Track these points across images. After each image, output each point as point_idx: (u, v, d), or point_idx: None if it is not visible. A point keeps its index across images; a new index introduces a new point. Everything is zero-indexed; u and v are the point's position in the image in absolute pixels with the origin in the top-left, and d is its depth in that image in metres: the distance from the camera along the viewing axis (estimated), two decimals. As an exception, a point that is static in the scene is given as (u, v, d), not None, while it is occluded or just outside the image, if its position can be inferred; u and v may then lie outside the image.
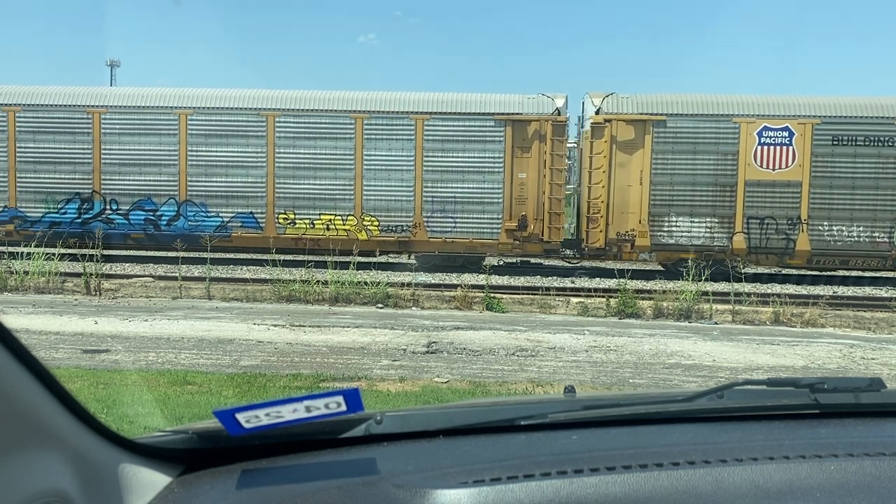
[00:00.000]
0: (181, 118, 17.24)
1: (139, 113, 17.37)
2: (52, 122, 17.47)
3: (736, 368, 8.71)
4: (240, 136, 17.20)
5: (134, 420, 5.54)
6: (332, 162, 17.08)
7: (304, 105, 17.21)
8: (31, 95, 17.65)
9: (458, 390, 7.17)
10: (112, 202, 17.52)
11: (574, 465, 1.26)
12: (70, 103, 17.48)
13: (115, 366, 7.99)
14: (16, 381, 1.02)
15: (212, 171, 17.26)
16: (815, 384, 1.54)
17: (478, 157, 16.87)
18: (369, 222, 17.23)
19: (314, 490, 1.23)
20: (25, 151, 17.51)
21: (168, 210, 17.45)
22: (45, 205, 17.61)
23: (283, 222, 17.28)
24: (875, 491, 1.21)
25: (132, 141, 17.35)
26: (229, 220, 17.35)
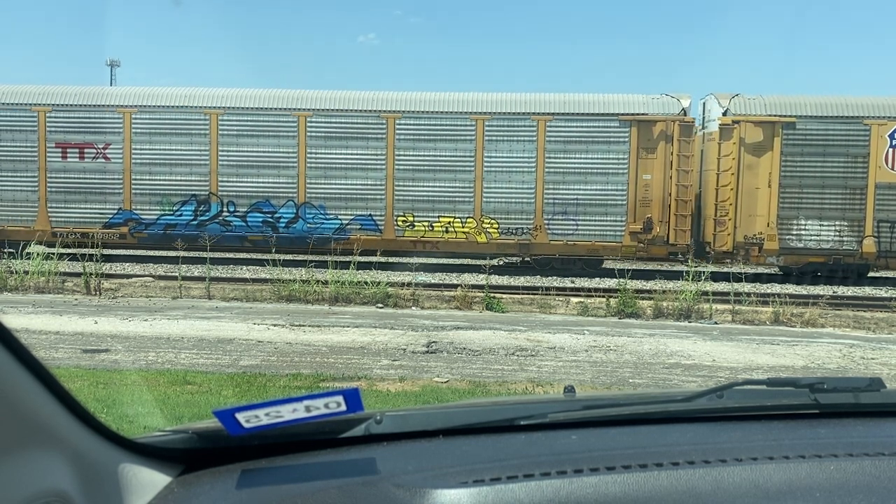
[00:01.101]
0: (300, 120, 17.14)
1: (258, 114, 17.28)
2: (168, 124, 17.35)
3: (736, 368, 8.72)
4: (359, 138, 17.11)
5: (134, 420, 5.53)
6: (451, 164, 16.99)
7: (424, 107, 17.12)
8: (147, 97, 17.55)
9: (457, 390, 7.17)
10: (229, 204, 17.43)
11: (574, 464, 1.26)
12: (187, 104, 17.39)
13: (115, 365, 7.99)
14: (16, 380, 1.02)
15: (331, 173, 17.18)
16: (814, 384, 1.54)
17: (601, 158, 16.71)
18: (489, 224, 17.11)
19: (314, 490, 1.23)
20: (141, 153, 17.39)
21: (287, 212, 17.36)
22: (159, 207, 17.48)
23: (401, 224, 17.22)
24: (875, 491, 1.21)
25: (250, 142, 17.28)
26: (348, 222, 17.28)
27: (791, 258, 16.73)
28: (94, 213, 17.51)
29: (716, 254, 16.77)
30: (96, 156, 17.46)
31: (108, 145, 17.41)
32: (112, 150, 17.43)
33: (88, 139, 17.43)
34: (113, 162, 17.44)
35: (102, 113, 17.43)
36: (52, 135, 17.47)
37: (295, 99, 17.35)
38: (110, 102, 17.49)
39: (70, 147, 17.46)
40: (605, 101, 16.91)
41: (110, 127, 17.38)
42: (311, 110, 17.15)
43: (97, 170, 17.47)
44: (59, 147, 17.47)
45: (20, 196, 17.61)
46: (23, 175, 17.56)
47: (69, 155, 17.49)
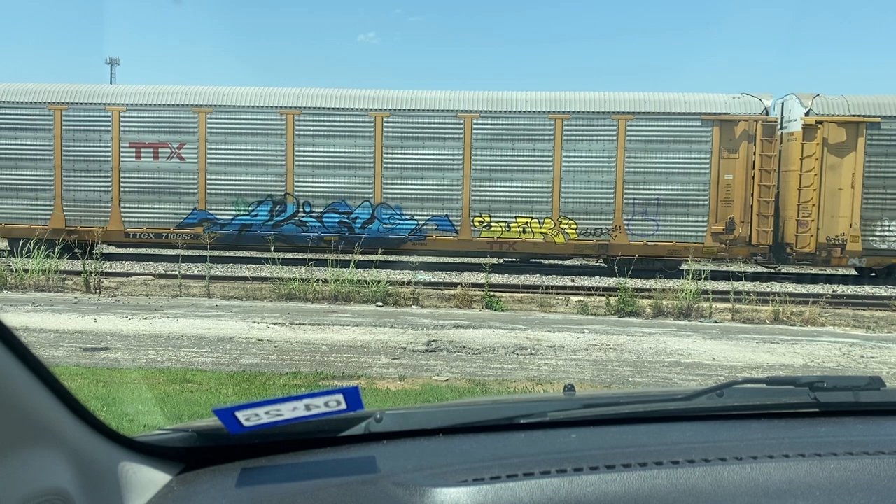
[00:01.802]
0: (377, 120, 17.05)
1: (334, 114, 17.21)
2: (244, 123, 17.27)
3: (735, 367, 8.72)
4: (436, 138, 17.03)
5: (133, 418, 5.53)
6: (529, 163, 16.88)
7: (502, 106, 17.02)
8: (222, 96, 17.46)
9: (457, 389, 7.17)
10: (305, 204, 17.32)
11: (574, 463, 1.26)
12: (263, 104, 17.30)
13: (115, 364, 7.99)
14: (15, 379, 1.02)
15: (407, 173, 17.10)
16: (814, 383, 1.54)
17: (682, 157, 16.61)
18: (567, 225, 16.99)
19: (314, 488, 1.23)
20: (216, 153, 17.30)
21: (363, 213, 17.27)
22: (235, 207, 17.38)
23: (478, 225, 17.11)
24: (874, 489, 1.21)
25: (326, 142, 17.20)
26: (424, 223, 17.17)
27: (874, 259, 16.62)
28: (168, 213, 17.41)
29: (797, 255, 16.65)
30: (171, 155, 17.34)
31: (182, 145, 17.29)
32: (187, 150, 17.31)
33: (163, 139, 17.33)
34: (188, 162, 17.31)
35: (177, 112, 17.33)
36: (125, 134, 17.38)
37: (372, 99, 17.26)
38: (185, 102, 17.37)
39: (144, 147, 17.36)
40: (686, 101, 16.79)
41: (185, 126, 17.29)
42: (389, 110, 17.07)
43: (171, 169, 17.35)
44: (132, 147, 17.37)
45: (93, 196, 17.49)
46: (96, 175, 17.44)
47: (143, 155, 17.38)
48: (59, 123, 17.40)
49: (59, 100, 17.49)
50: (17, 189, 17.56)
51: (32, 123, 17.47)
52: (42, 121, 17.45)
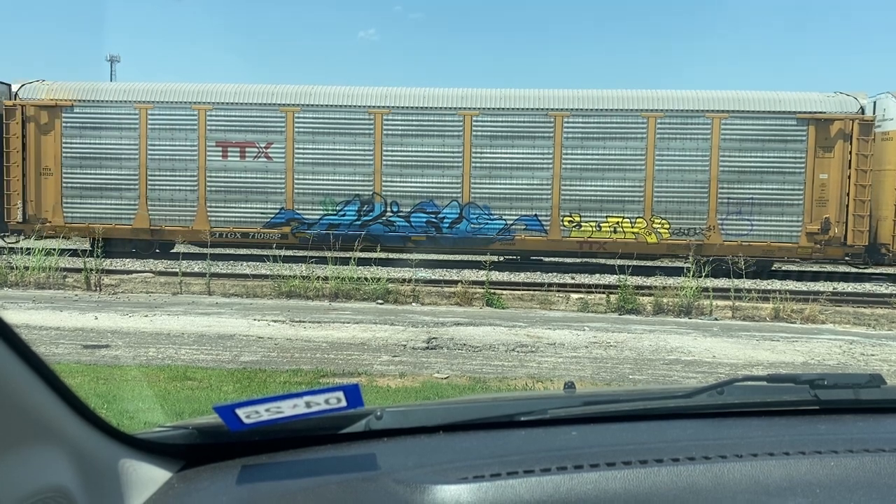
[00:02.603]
0: (466, 119, 16.93)
1: (422, 114, 17.07)
2: (332, 123, 17.16)
3: (736, 365, 8.72)
4: (526, 137, 16.87)
5: (134, 415, 5.54)
6: (621, 162, 16.71)
7: (593, 105, 16.83)
8: (310, 95, 17.36)
9: (457, 386, 7.17)
10: (393, 204, 17.20)
11: (574, 460, 1.26)
12: (352, 104, 17.19)
13: (116, 361, 8.00)
14: (16, 376, 1.02)
15: (496, 172, 16.93)
16: (814, 380, 1.54)
17: (777, 156, 16.45)
18: (659, 225, 16.84)
19: (314, 485, 1.23)
20: (304, 152, 17.20)
21: (450, 212, 17.13)
22: (322, 207, 17.27)
23: (567, 225, 16.96)
24: (875, 487, 1.21)
25: (415, 142, 17.06)
26: (513, 222, 17.02)
27: None
28: (256, 212, 17.29)
29: (893, 255, 16.48)
30: (258, 155, 17.23)
31: (269, 144, 17.18)
32: (274, 150, 17.19)
33: (250, 138, 17.21)
34: (275, 161, 17.19)
35: (264, 111, 17.21)
36: (211, 133, 17.24)
37: (461, 98, 17.11)
38: (273, 101, 17.24)
39: (231, 146, 17.24)
40: (780, 99, 16.64)
41: (272, 126, 17.16)
42: (478, 109, 16.93)
43: (259, 169, 17.23)
44: (219, 146, 17.25)
45: (178, 196, 17.37)
46: (181, 174, 17.32)
47: (230, 154, 17.25)
48: (145, 122, 17.30)
49: (145, 98, 17.37)
50: (101, 188, 17.39)
51: (117, 122, 17.34)
52: (127, 120, 17.32)
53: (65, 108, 17.38)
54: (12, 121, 17.39)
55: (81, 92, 17.56)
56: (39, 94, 17.56)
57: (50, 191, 17.49)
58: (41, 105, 17.40)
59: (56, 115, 17.39)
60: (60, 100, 17.38)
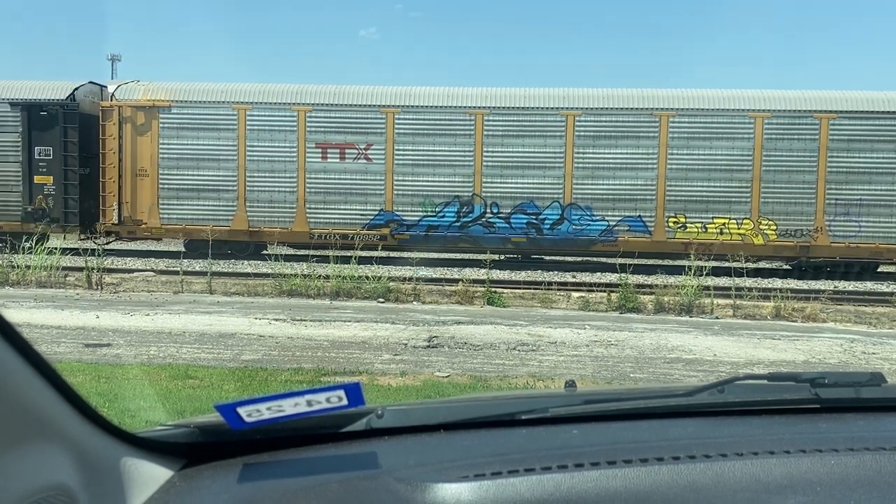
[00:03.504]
0: (569, 119, 16.79)
1: (524, 114, 16.94)
2: (432, 124, 17.04)
3: (737, 363, 8.72)
4: (630, 136, 16.73)
5: (135, 414, 5.54)
6: (727, 163, 16.56)
7: (700, 104, 16.69)
8: (410, 96, 17.29)
9: (458, 384, 7.18)
10: (493, 205, 17.08)
11: (575, 459, 1.26)
12: (452, 104, 17.09)
13: (117, 360, 8.01)
14: (17, 375, 1.02)
15: (598, 173, 16.80)
16: (815, 379, 1.54)
17: (886, 157, 16.31)
18: (766, 226, 16.68)
19: (315, 484, 1.23)
20: (404, 153, 17.12)
21: (551, 214, 16.99)
22: (421, 208, 17.18)
23: (672, 226, 16.83)
24: (876, 485, 1.21)
25: (516, 142, 16.93)
26: (615, 223, 16.89)
27: None
28: (355, 214, 17.23)
29: None
30: (357, 156, 17.14)
31: (369, 146, 17.10)
32: (374, 151, 17.10)
33: (350, 139, 17.14)
34: (375, 163, 17.09)
35: (365, 113, 17.15)
36: (311, 135, 17.19)
37: (563, 97, 16.99)
38: (373, 102, 17.17)
39: (330, 147, 17.17)
40: (889, 99, 16.51)
41: (372, 127, 17.10)
42: (581, 109, 16.78)
43: (358, 170, 17.15)
44: (318, 147, 17.18)
45: (277, 197, 17.31)
46: (281, 176, 17.26)
47: (329, 155, 17.19)
48: (244, 123, 17.22)
49: (244, 99, 17.30)
50: (198, 190, 17.32)
51: (216, 123, 17.26)
52: (226, 120, 17.25)
53: (162, 109, 17.31)
54: (109, 122, 17.35)
55: (178, 92, 17.48)
56: (135, 94, 17.47)
57: (146, 192, 17.39)
58: (138, 106, 17.32)
59: (153, 115, 17.31)
60: (158, 100, 17.32)
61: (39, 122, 17.50)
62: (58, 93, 17.67)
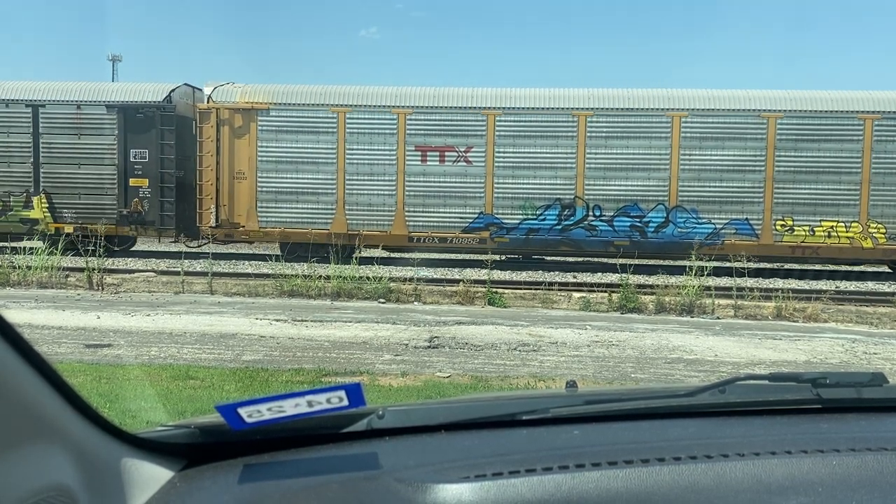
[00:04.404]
0: (674, 121, 16.70)
1: (628, 115, 16.86)
2: (533, 126, 16.95)
3: (738, 363, 8.71)
4: (737, 138, 16.63)
5: (136, 414, 5.55)
6: (836, 165, 16.43)
7: (807, 106, 16.55)
8: (511, 98, 17.11)
9: (459, 385, 7.17)
10: (595, 208, 16.98)
11: (576, 459, 1.26)
12: (553, 106, 16.90)
13: (118, 360, 8.01)
14: (18, 375, 1.02)
15: (704, 175, 16.70)
16: (817, 379, 1.54)
17: None
18: (875, 229, 16.53)
19: (316, 484, 1.23)
20: (504, 156, 17.01)
21: (656, 216, 16.89)
22: (521, 211, 17.09)
23: (780, 229, 16.69)
24: (877, 486, 1.21)
25: (620, 144, 16.84)
26: (722, 226, 16.76)
27: None
28: (454, 217, 17.16)
29: None
30: (457, 159, 17.07)
31: (469, 148, 17.04)
32: (474, 154, 17.04)
33: (449, 142, 17.08)
34: (475, 165, 17.04)
35: (465, 115, 17.06)
36: (411, 138, 17.13)
37: (668, 99, 16.91)
38: (474, 104, 17.08)
39: (430, 150, 17.11)
40: None
41: (473, 129, 17.02)
42: (686, 110, 16.67)
43: (458, 173, 17.10)
44: (418, 150, 17.13)
45: (376, 200, 17.28)
46: (380, 178, 17.23)
47: (429, 158, 17.13)
48: (343, 126, 17.18)
49: (343, 102, 17.26)
50: (296, 193, 17.29)
51: (315, 126, 17.23)
52: (325, 123, 17.21)
53: (260, 112, 17.25)
54: (206, 124, 17.31)
55: (277, 94, 17.42)
56: (233, 96, 17.42)
57: (243, 195, 17.35)
58: (236, 108, 17.27)
59: (251, 118, 17.26)
60: (257, 103, 17.26)
61: (135, 124, 17.49)
62: (154, 95, 17.66)
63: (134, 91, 17.86)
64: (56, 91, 17.95)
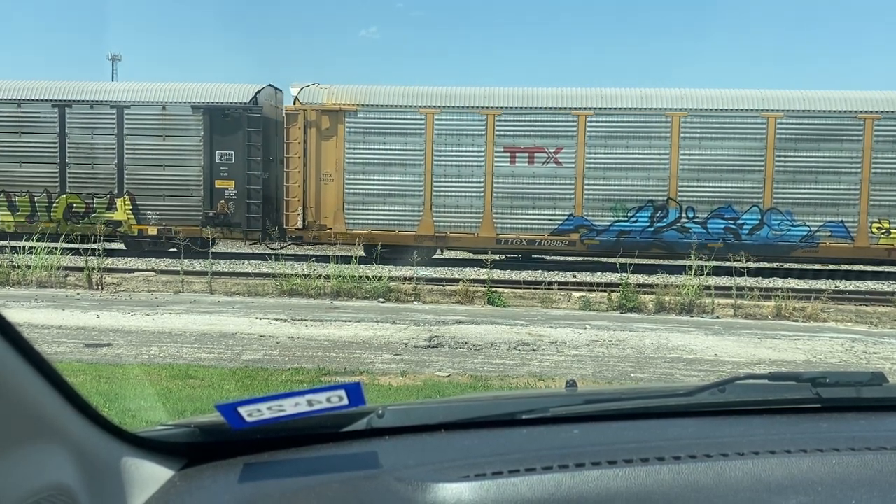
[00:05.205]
0: (770, 122, 16.46)
1: (723, 116, 16.65)
2: (625, 126, 16.80)
3: (738, 363, 8.71)
4: (832, 139, 16.46)
5: (136, 414, 5.55)
6: None
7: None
8: (603, 98, 17.03)
9: (459, 384, 7.17)
10: (688, 210, 16.84)
11: (575, 459, 1.26)
12: (646, 106, 16.82)
13: (118, 360, 8.01)
14: (18, 375, 1.02)
15: (800, 176, 16.53)
16: (816, 378, 1.54)
17: None
18: None
19: (316, 483, 1.23)
20: (595, 157, 16.86)
21: (750, 218, 16.74)
22: (612, 213, 16.95)
23: (875, 231, 16.57)
24: (877, 485, 1.21)
25: (714, 145, 16.69)
26: (817, 229, 16.60)
27: None
28: (543, 219, 17.04)
29: None
30: (547, 160, 16.94)
31: (559, 149, 16.91)
32: (564, 155, 16.91)
33: (539, 143, 16.94)
34: (564, 167, 16.90)
35: (555, 116, 16.92)
36: (500, 139, 17.02)
37: (762, 100, 16.76)
38: (564, 105, 16.96)
39: (519, 151, 16.98)
40: None
41: (563, 130, 16.90)
42: (783, 111, 16.55)
43: (547, 175, 16.95)
44: (507, 151, 17.01)
45: (464, 202, 17.17)
46: (468, 180, 17.13)
47: (517, 159, 17.01)
48: (431, 127, 17.08)
49: (431, 103, 17.17)
50: (384, 195, 17.23)
51: (403, 127, 17.13)
52: (413, 125, 17.13)
53: (348, 113, 17.18)
54: (294, 125, 17.25)
55: (365, 96, 17.35)
56: (319, 98, 17.35)
57: (330, 197, 17.28)
58: (323, 109, 17.21)
59: (339, 119, 17.20)
60: (345, 104, 17.21)
61: (221, 125, 17.46)
62: (240, 96, 17.64)
63: (219, 92, 17.80)
64: (141, 92, 17.93)
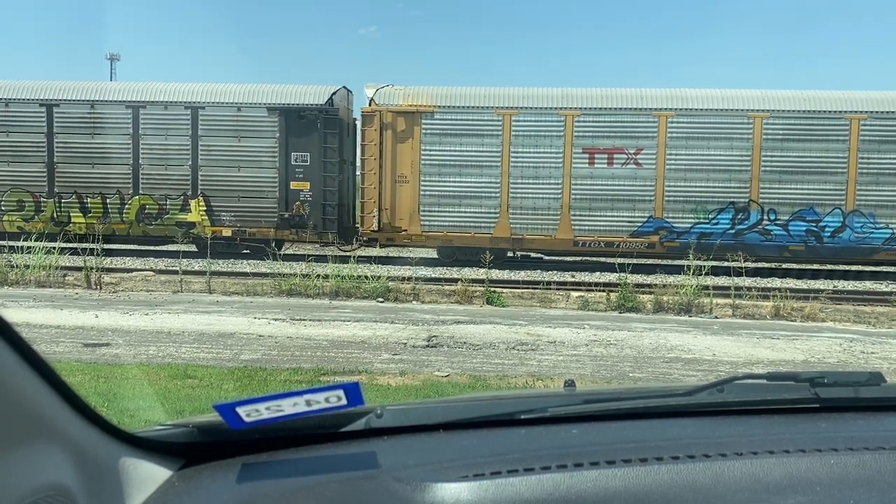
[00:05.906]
0: (853, 124, 16.24)
1: (804, 118, 16.44)
2: (707, 128, 16.59)
3: (736, 363, 8.72)
4: None
5: (134, 414, 5.54)
6: None
7: None
8: (684, 99, 16.84)
9: (458, 384, 7.18)
10: (770, 212, 16.62)
11: (574, 458, 1.26)
12: (727, 107, 16.62)
13: (116, 360, 8.00)
14: (16, 375, 1.02)
15: (883, 178, 16.34)
16: (815, 378, 1.54)
17: None
18: None
19: (315, 483, 1.23)
20: (675, 158, 16.65)
21: (832, 221, 16.50)
22: (693, 215, 16.76)
23: None
24: (875, 485, 1.21)
25: (796, 147, 16.40)
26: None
27: None
28: (622, 221, 16.84)
29: None
30: (626, 161, 16.75)
31: (639, 150, 16.71)
32: (644, 156, 16.71)
33: (618, 144, 16.74)
34: (644, 168, 16.71)
35: (636, 116, 16.75)
36: (578, 140, 16.82)
37: (845, 101, 16.52)
38: (645, 106, 16.78)
39: (598, 152, 16.79)
40: None
41: (643, 131, 16.71)
42: (866, 112, 16.33)
43: (626, 176, 16.76)
44: (585, 152, 16.81)
45: (541, 204, 16.96)
46: (545, 182, 16.92)
47: (596, 161, 16.81)
48: (508, 128, 16.93)
49: (508, 104, 17.02)
50: (459, 197, 17.05)
51: (480, 129, 16.94)
52: (490, 126, 16.92)
53: (424, 114, 17.05)
54: (370, 127, 17.14)
55: (441, 97, 17.21)
56: (395, 99, 17.22)
57: (405, 199, 17.15)
58: (399, 111, 17.08)
59: (415, 121, 17.05)
60: (421, 106, 17.07)
61: (296, 127, 17.37)
62: (315, 97, 17.53)
63: (294, 93, 17.69)
64: (215, 93, 17.83)
